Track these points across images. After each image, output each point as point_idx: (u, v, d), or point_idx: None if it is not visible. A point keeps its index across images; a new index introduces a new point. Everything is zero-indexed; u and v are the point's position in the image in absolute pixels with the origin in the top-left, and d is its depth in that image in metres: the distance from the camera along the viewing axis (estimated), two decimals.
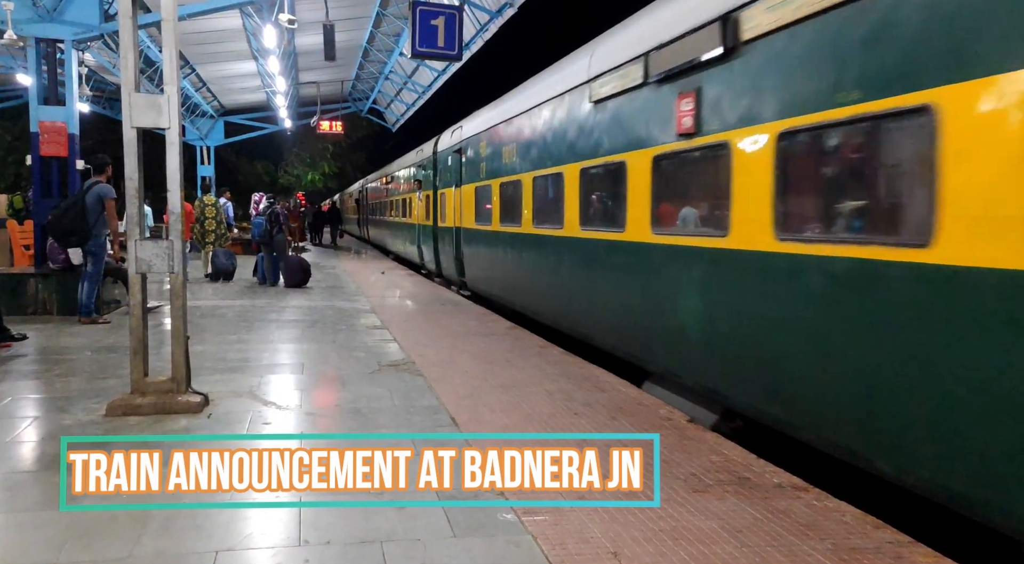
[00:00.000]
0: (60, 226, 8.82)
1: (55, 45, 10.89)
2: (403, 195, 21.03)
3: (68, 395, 5.68)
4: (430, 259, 16.31)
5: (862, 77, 3.80)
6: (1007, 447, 3.10)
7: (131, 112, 5.12)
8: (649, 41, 6.04)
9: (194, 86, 25.89)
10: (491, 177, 11.11)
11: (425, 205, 16.69)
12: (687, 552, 3.18)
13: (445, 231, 14.60)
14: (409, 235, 19.68)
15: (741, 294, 4.86)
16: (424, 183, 17.09)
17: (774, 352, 4.55)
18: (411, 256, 19.69)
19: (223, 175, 37.48)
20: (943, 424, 3.40)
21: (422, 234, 17.26)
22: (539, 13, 26.54)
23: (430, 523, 3.43)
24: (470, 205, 12.45)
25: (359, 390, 6.01)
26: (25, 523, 3.37)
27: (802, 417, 4.40)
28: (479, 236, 11.95)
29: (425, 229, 16.72)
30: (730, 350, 5.01)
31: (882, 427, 3.75)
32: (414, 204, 18.57)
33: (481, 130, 11.85)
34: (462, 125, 13.64)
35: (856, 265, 3.80)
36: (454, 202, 13.62)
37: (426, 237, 16.64)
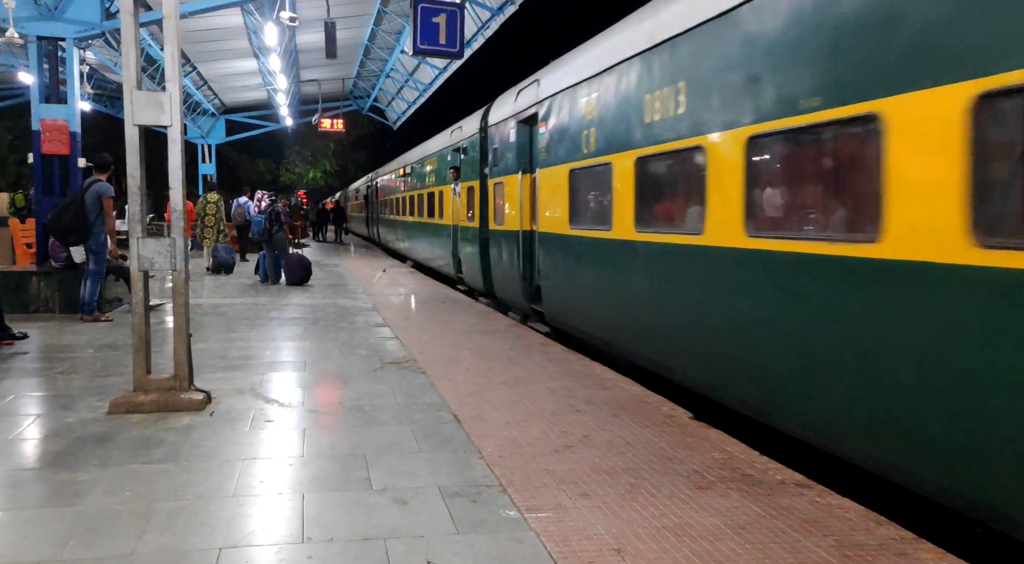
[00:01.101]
0: (59, 224, 8.82)
1: (56, 43, 10.88)
2: (429, 188, 17.17)
3: (71, 393, 5.68)
4: (473, 273, 12.67)
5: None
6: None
7: (133, 110, 5.12)
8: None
9: (195, 84, 25.89)
10: (613, 149, 6.87)
11: (466, 200, 12.95)
12: (690, 549, 3.18)
13: (502, 236, 10.64)
14: (438, 240, 15.90)
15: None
16: (464, 171, 13.19)
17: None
18: (441, 266, 15.98)
19: (224, 173, 37.51)
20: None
21: (461, 239, 13.55)
22: (540, 10, 26.58)
23: (433, 520, 3.43)
24: (555, 198, 8.45)
25: (361, 387, 6.01)
26: (29, 520, 3.37)
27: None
28: (575, 246, 7.94)
29: (466, 233, 13.02)
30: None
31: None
32: (447, 200, 14.76)
33: (587, 77, 7.55)
34: (539, 79, 9.34)
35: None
36: (520, 195, 9.63)
37: (467, 243, 12.97)
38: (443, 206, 15.15)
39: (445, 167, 14.92)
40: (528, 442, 4.61)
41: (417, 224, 19.15)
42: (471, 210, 12.48)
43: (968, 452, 3.30)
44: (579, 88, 7.77)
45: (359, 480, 3.93)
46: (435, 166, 16.39)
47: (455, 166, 13.84)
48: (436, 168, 16.30)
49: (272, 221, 14.14)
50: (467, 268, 13.28)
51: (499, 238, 10.87)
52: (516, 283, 9.98)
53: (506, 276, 10.60)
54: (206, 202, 16.84)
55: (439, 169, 15.86)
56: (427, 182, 17.46)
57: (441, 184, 15.43)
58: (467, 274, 13.38)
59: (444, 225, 15.17)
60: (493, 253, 11.24)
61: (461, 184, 13.35)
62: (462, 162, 13.30)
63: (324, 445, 4.53)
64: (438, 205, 15.75)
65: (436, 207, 16.06)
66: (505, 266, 10.55)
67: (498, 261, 10.98)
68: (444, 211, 15.11)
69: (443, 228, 15.32)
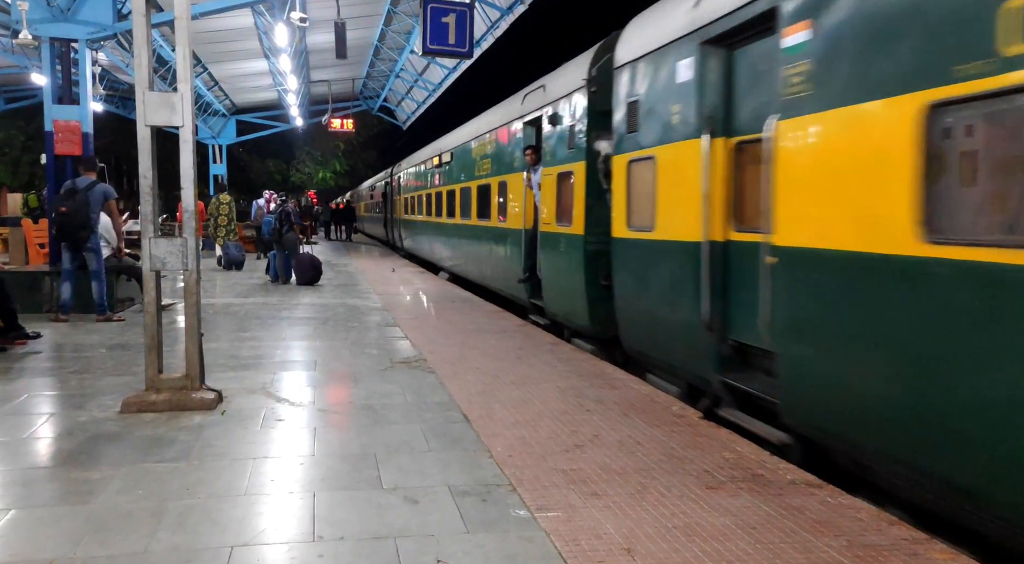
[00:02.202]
0: (76, 219, 8.83)
1: (69, 44, 10.97)
2: (479, 180, 13.21)
3: (83, 392, 5.72)
4: (567, 302, 8.66)
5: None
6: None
7: (145, 110, 5.15)
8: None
9: (206, 85, 26.03)
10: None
11: (554, 193, 9.03)
12: (701, 548, 3.17)
13: (649, 251, 6.56)
14: (496, 249, 12.05)
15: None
16: (552, 151, 9.11)
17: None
18: (500, 286, 11.97)
19: (235, 173, 37.74)
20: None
21: (545, 251, 9.46)
22: (549, 10, 26.59)
23: (443, 519, 3.44)
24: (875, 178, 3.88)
25: (371, 387, 6.02)
26: (42, 518, 3.40)
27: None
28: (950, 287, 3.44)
29: (553, 241, 9.06)
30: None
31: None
32: (513, 194, 10.92)
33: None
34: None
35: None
36: (706, 177, 5.49)
37: (555, 256, 9.02)
38: (506, 203, 11.30)
39: (511, 148, 11.07)
40: (538, 441, 4.62)
41: (459, 228, 14.90)
42: (563, 207, 8.67)
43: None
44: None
45: (369, 479, 3.95)
46: (491, 149, 12.43)
47: (531, 145, 9.95)
48: (494, 151, 12.25)
49: (282, 221, 14.21)
50: (553, 294, 9.17)
51: (636, 253, 6.76)
52: (693, 337, 5.71)
53: (658, 320, 6.36)
54: (219, 203, 17.51)
55: (499, 152, 11.88)
56: (476, 172, 13.53)
57: (502, 173, 11.60)
58: (552, 302, 9.21)
59: (508, 229, 11.20)
60: (621, 278, 7.08)
61: (545, 170, 9.28)
62: (546, 138, 9.24)
63: (334, 444, 4.54)
64: (496, 202, 11.89)
65: (493, 204, 12.12)
66: (655, 304, 6.42)
67: (634, 292, 6.86)
68: (508, 210, 11.16)
69: (506, 234, 11.34)
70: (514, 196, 10.88)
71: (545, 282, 9.46)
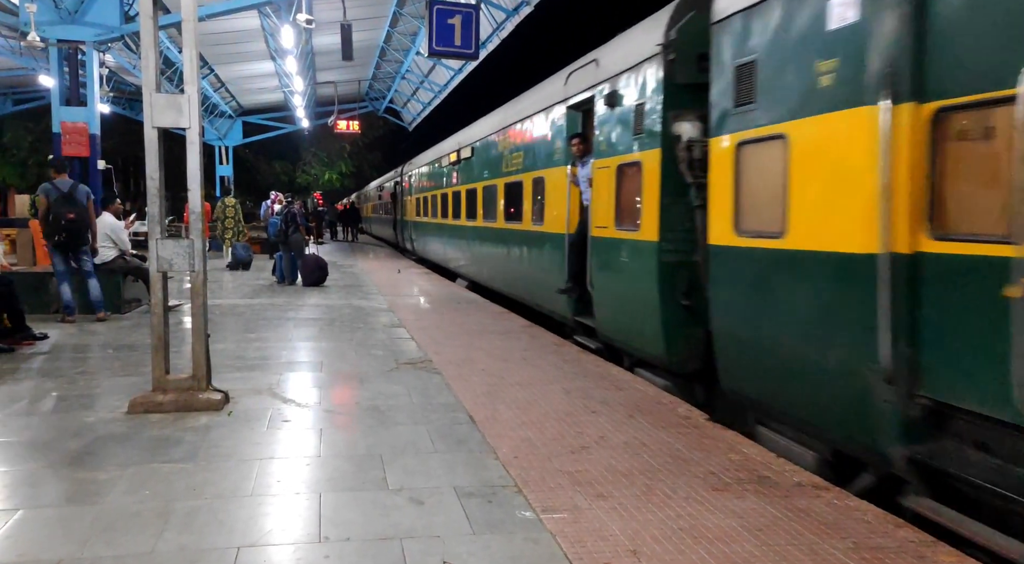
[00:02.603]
0: (82, 224, 8.89)
1: (77, 46, 11.03)
2: (509, 177, 11.46)
3: (90, 393, 5.75)
4: (630, 324, 7.13)
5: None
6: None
7: (152, 112, 5.17)
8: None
9: (213, 86, 26.16)
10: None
11: (611, 190, 7.41)
12: (707, 550, 3.17)
13: (775, 265, 4.83)
14: (534, 258, 10.28)
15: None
16: (608, 139, 7.48)
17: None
18: (540, 300, 10.14)
19: (241, 175, 37.88)
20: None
21: (599, 260, 7.79)
22: (555, 11, 26.58)
23: (449, 520, 3.44)
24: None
25: (377, 388, 6.03)
26: (50, 518, 3.42)
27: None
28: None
29: (611, 249, 7.43)
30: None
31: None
32: (554, 193, 9.29)
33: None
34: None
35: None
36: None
37: (614, 268, 7.41)
38: (542, 202, 9.69)
39: (550, 139, 9.44)
40: (543, 443, 4.61)
41: (482, 231, 13.38)
42: (625, 206, 7.10)
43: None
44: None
45: (375, 480, 3.95)
46: (523, 140, 10.66)
47: (578, 134, 8.51)
48: (526, 143, 10.53)
49: (288, 222, 14.24)
50: (609, 314, 7.55)
51: (752, 266, 5.05)
52: (857, 389, 4.15)
53: (791, 360, 4.71)
54: (224, 205, 17.80)
55: (533, 144, 10.16)
56: (503, 168, 11.81)
57: (537, 168, 9.95)
58: (607, 323, 7.61)
59: (544, 234, 9.63)
60: (724, 299, 5.38)
61: (598, 162, 7.66)
62: (600, 123, 7.64)
63: (340, 445, 4.55)
64: (529, 201, 10.29)
65: (525, 204, 10.51)
66: (787, 336, 4.73)
67: (747, 318, 5.11)
68: (546, 210, 9.56)
69: (541, 239, 9.79)
70: (553, 194, 9.28)
71: (598, 298, 7.73)
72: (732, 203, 5.20)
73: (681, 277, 6.29)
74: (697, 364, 6.16)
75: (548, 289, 9.39)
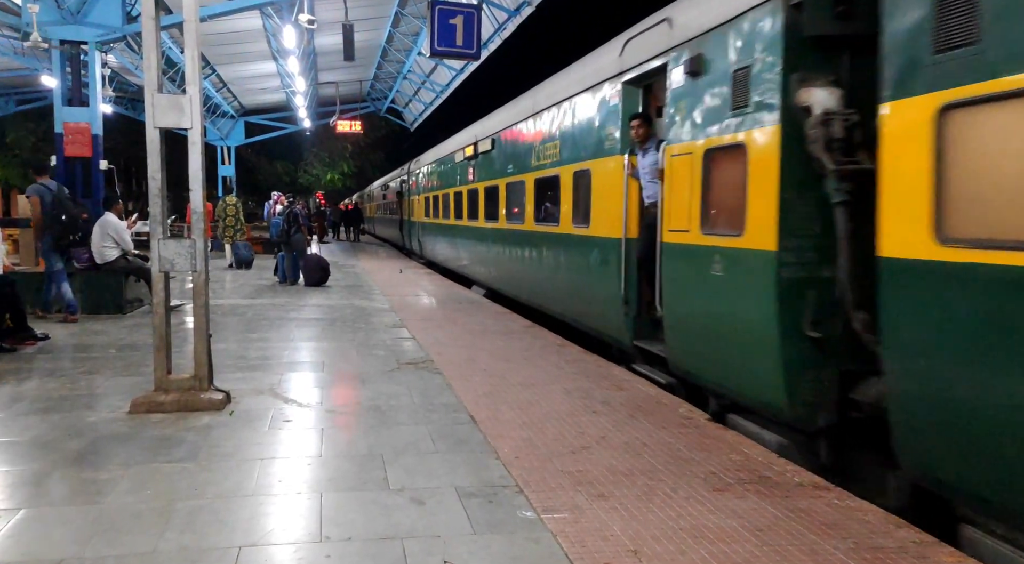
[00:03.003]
0: (82, 224, 8.97)
1: (79, 47, 11.04)
2: (540, 171, 9.89)
3: (92, 392, 5.76)
4: (752, 367, 5.12)
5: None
6: None
7: (154, 112, 5.18)
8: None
9: (215, 87, 26.19)
10: None
11: (700, 185, 5.80)
12: (707, 550, 3.17)
13: (973, 281, 3.40)
14: (575, 267, 8.68)
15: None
16: (685, 121, 6.01)
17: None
18: (584, 315, 8.51)
19: (243, 175, 37.92)
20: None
21: (673, 271, 6.24)
22: (557, 11, 26.58)
23: (450, 520, 3.45)
24: None
25: (378, 388, 6.04)
26: (51, 518, 3.43)
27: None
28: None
29: (698, 259, 5.78)
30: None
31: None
32: (605, 188, 7.70)
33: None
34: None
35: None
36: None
37: (704, 285, 5.72)
38: (587, 200, 8.17)
39: (598, 123, 7.84)
40: (544, 443, 4.62)
41: (505, 234, 11.77)
42: (718, 204, 5.60)
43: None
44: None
45: (376, 480, 3.96)
46: (560, 128, 9.07)
47: (640, 115, 7.00)
48: (564, 131, 8.92)
49: (290, 222, 14.26)
50: (692, 342, 5.96)
51: (977, 295, 3.41)
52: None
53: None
54: (225, 204, 17.83)
55: (574, 131, 8.59)
56: (533, 161, 10.20)
57: (579, 160, 8.39)
58: (687, 354, 6.04)
59: (591, 238, 8.06)
60: (910, 334, 3.83)
61: (675, 148, 6.13)
62: (676, 98, 6.11)
63: (342, 445, 4.56)
64: (568, 200, 8.81)
65: (562, 203, 8.99)
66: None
67: (978, 370, 3.41)
68: (593, 210, 8.00)
69: (587, 244, 8.18)
70: (603, 191, 7.71)
71: (672, 321, 6.20)
72: (931, 197, 3.65)
73: (808, 299, 4.71)
74: (829, 418, 4.70)
75: (595, 305, 7.91)
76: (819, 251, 4.71)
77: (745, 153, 5.12)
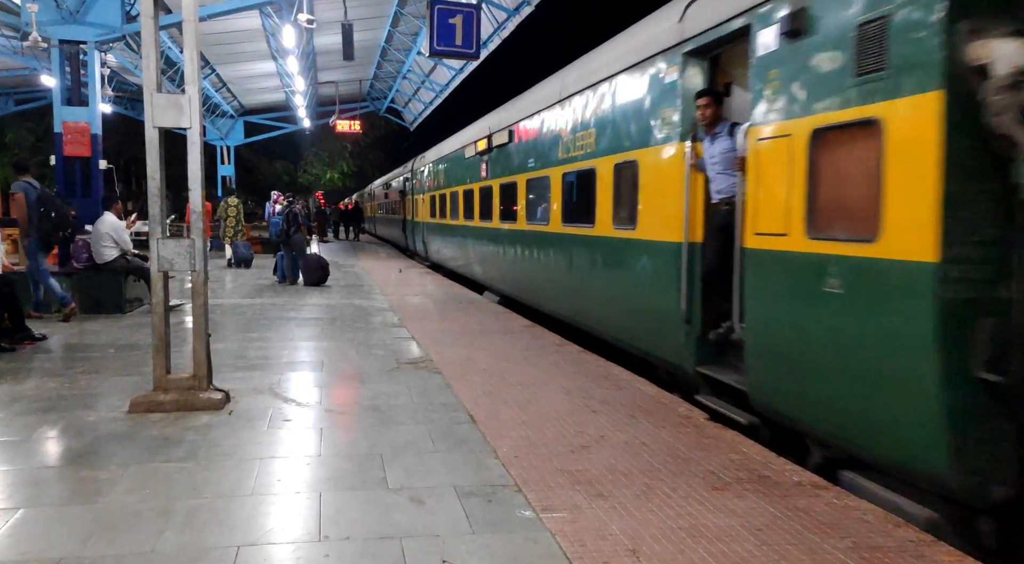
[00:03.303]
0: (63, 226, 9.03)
1: (78, 47, 11.05)
2: (573, 164, 8.64)
3: (92, 392, 5.76)
4: (893, 416, 3.85)
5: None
6: None
7: (153, 112, 5.18)
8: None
9: (214, 86, 26.20)
10: None
11: (803, 175, 4.51)
12: (706, 549, 3.17)
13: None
14: (612, 275, 7.60)
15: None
16: (779, 95, 4.78)
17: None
18: (625, 334, 7.38)
19: (242, 174, 37.92)
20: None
21: (787, 293, 4.69)
22: (556, 11, 26.57)
23: (449, 519, 3.45)
24: None
25: (378, 387, 6.04)
26: (51, 517, 3.43)
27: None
28: None
29: (799, 273, 4.54)
30: None
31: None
32: (652, 183, 6.68)
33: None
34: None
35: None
36: None
37: (812, 307, 4.43)
38: (634, 197, 6.93)
39: (653, 104, 6.58)
40: (544, 442, 4.62)
41: (528, 236, 10.44)
42: (833, 199, 4.40)
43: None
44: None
45: (376, 479, 3.96)
46: (604, 111, 7.66)
47: (708, 93, 5.80)
48: (604, 116, 7.64)
49: (290, 222, 14.26)
50: (792, 375, 4.66)
51: None
52: None
53: None
54: (227, 205, 17.96)
55: (618, 116, 7.31)
56: (562, 153, 8.98)
57: (624, 149, 7.16)
58: (781, 390, 4.77)
59: (646, 242, 6.75)
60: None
61: (762, 130, 4.96)
62: (768, 66, 4.91)
63: (341, 444, 4.56)
64: (608, 196, 7.56)
65: (601, 201, 7.74)
66: None
67: None
68: (643, 209, 6.79)
69: (641, 249, 6.87)
70: (655, 185, 6.56)
71: (758, 347, 4.95)
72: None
73: (982, 329, 3.55)
74: (1006, 491, 3.55)
75: (643, 321, 6.76)
76: (997, 264, 3.54)
77: (880, 131, 3.94)
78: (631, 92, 7.03)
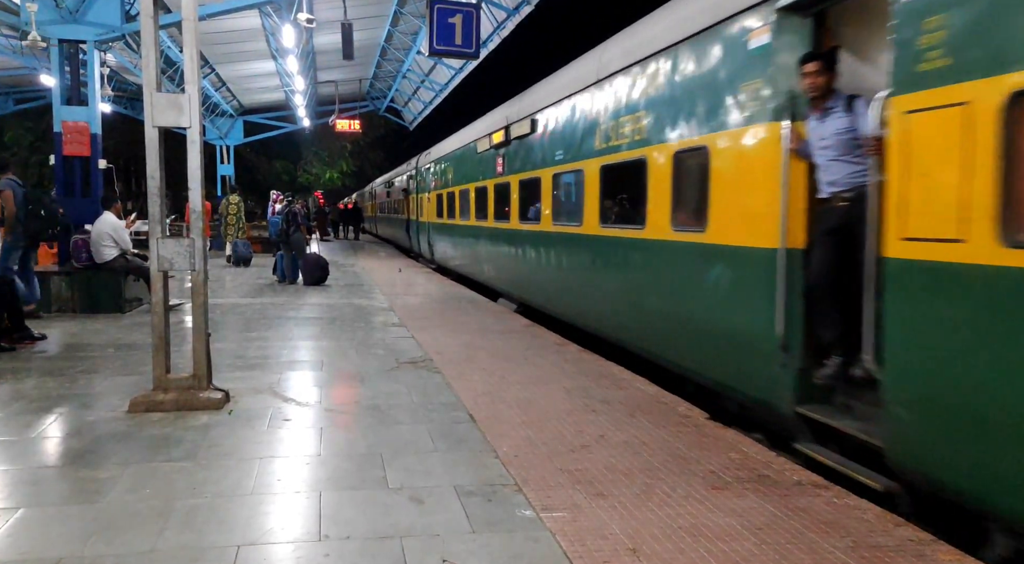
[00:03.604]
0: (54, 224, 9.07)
1: (78, 46, 11.03)
2: (615, 155, 7.41)
3: (91, 391, 5.75)
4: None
5: None
6: None
7: (153, 111, 5.18)
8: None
9: (214, 86, 26.16)
10: None
11: (996, 156, 3.17)
12: (706, 549, 3.17)
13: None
14: (667, 287, 6.37)
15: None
16: (961, 46, 3.35)
17: None
18: (688, 360, 6.07)
19: (242, 174, 37.89)
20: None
21: (972, 319, 3.30)
22: (556, 10, 26.56)
23: (449, 519, 3.45)
24: None
25: (378, 387, 6.03)
26: (51, 516, 3.42)
27: None
28: None
29: (989, 291, 3.21)
30: None
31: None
32: (730, 176, 5.39)
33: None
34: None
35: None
36: None
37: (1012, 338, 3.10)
38: (710, 193, 5.64)
39: (731, 77, 5.38)
40: (544, 442, 4.62)
41: (563, 239, 9.04)
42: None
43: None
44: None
45: (376, 479, 3.96)
46: (659, 89, 6.47)
47: (817, 56, 4.61)
48: (669, 93, 6.32)
49: (289, 222, 14.26)
50: (963, 435, 3.38)
51: None
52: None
53: None
54: (228, 203, 18.03)
55: (687, 92, 6.03)
56: (599, 143, 7.77)
57: (695, 133, 5.89)
58: (949, 454, 3.47)
59: (723, 248, 5.49)
60: None
61: (915, 98, 3.62)
62: (925, 12, 3.53)
63: (341, 444, 4.56)
64: (670, 193, 6.32)
65: (653, 198, 6.59)
66: None
67: None
68: (720, 207, 5.53)
69: (714, 257, 5.60)
70: (735, 176, 5.36)
71: (906, 394, 3.75)
72: None
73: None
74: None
75: (717, 346, 5.57)
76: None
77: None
78: (698, 64, 5.84)
